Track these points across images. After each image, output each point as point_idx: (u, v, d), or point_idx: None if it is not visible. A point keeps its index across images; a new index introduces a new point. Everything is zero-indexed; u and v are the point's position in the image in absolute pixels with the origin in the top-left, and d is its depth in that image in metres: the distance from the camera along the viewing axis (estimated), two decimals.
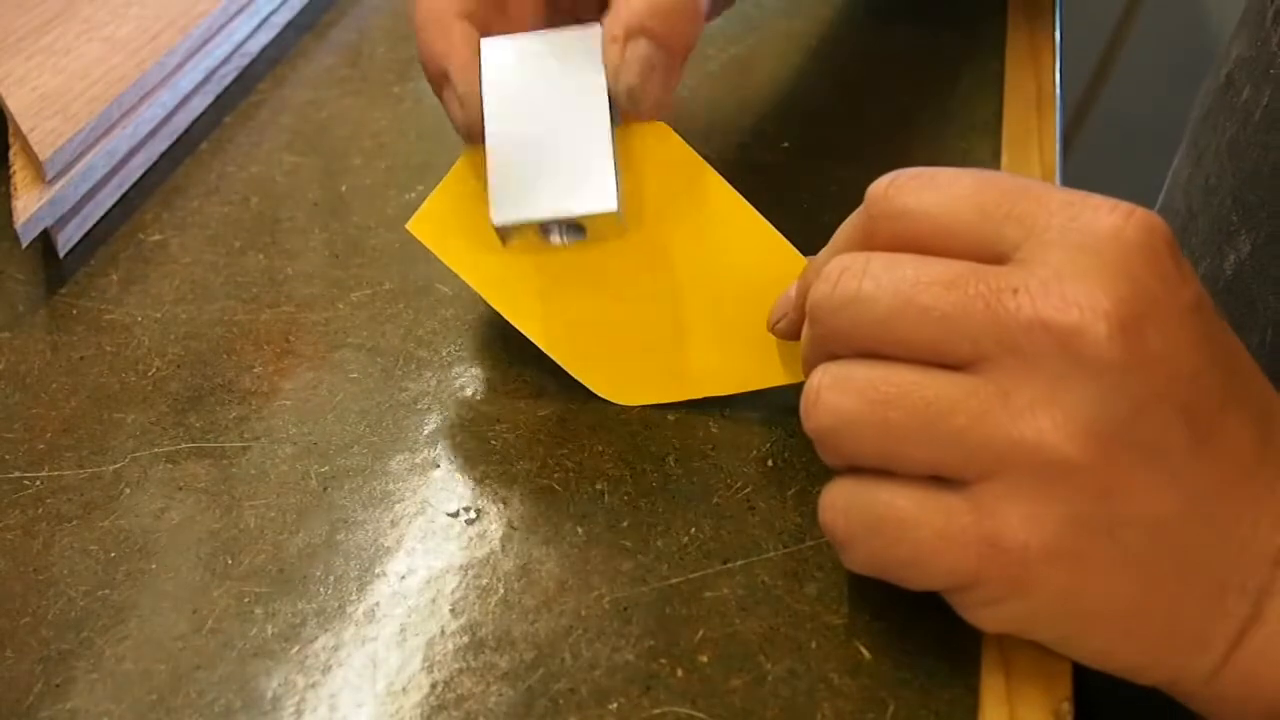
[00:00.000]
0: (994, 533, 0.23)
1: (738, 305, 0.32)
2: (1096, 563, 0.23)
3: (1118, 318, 0.22)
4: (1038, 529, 0.22)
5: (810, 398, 0.25)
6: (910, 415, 0.23)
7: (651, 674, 0.26)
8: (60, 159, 0.39)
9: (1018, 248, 0.24)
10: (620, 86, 0.30)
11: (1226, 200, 0.44)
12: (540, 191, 0.30)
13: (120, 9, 0.45)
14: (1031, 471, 0.22)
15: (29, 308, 0.37)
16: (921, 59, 0.46)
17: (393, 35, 0.50)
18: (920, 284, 0.24)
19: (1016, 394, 0.22)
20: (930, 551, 0.23)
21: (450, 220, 0.32)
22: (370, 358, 0.35)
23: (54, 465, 0.32)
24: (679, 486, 0.30)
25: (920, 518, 0.23)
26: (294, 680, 0.27)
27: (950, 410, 0.23)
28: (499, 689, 0.26)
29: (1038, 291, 0.22)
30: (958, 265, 0.24)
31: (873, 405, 0.24)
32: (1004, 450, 0.22)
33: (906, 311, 0.24)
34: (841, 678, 0.26)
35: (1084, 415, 0.22)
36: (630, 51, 0.30)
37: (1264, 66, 0.41)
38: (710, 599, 0.28)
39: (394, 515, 0.30)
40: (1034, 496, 0.22)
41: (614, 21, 0.30)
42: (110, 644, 0.28)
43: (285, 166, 0.43)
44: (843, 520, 0.25)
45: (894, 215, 0.25)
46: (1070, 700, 0.25)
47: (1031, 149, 0.41)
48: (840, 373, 0.25)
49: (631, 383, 0.32)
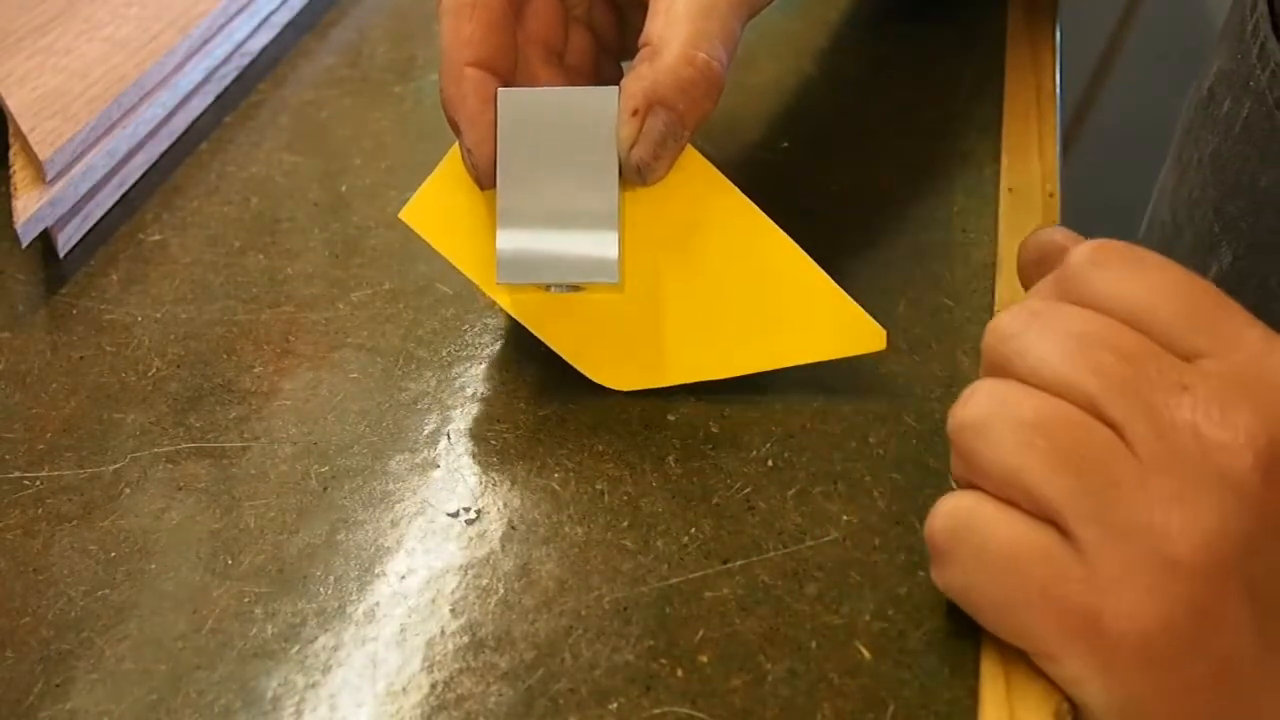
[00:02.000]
0: (1096, 611, 0.22)
1: (732, 289, 0.32)
2: (1177, 676, 0.22)
3: (1268, 455, 0.22)
4: (1140, 619, 0.22)
5: (966, 394, 0.25)
6: (1048, 451, 0.23)
7: (651, 674, 0.26)
8: (60, 159, 0.39)
9: (1201, 357, 0.24)
10: (632, 159, 0.30)
11: (1209, 212, 0.45)
12: (546, 256, 0.31)
13: (120, 9, 0.45)
14: (1148, 561, 0.22)
15: (29, 308, 0.37)
16: (921, 59, 0.46)
17: (393, 35, 0.50)
18: (1102, 342, 0.24)
19: (1157, 481, 0.22)
20: (1029, 601, 0.23)
21: (443, 208, 0.32)
22: (370, 358, 0.35)
23: (54, 465, 0.32)
24: (679, 486, 0.30)
25: (1033, 564, 0.23)
26: (294, 680, 0.27)
27: (1089, 462, 0.23)
28: (499, 689, 0.26)
29: (1204, 399, 0.23)
30: (1142, 340, 0.24)
31: (1016, 426, 0.24)
32: (1129, 528, 0.22)
33: (1080, 360, 0.24)
34: (841, 678, 0.26)
35: (1211, 525, 0.22)
36: (648, 126, 0.29)
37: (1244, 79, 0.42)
38: (710, 599, 0.28)
39: (394, 515, 0.30)
40: (1148, 585, 0.22)
41: (634, 91, 0.29)
42: (110, 644, 0.28)
43: (285, 166, 0.43)
44: (950, 538, 0.25)
45: (1090, 295, 0.25)
46: (1070, 701, 0.25)
47: (1031, 149, 0.41)
48: (1001, 386, 0.25)
49: (627, 368, 0.32)
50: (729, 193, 0.32)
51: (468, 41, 0.31)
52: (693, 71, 0.29)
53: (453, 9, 0.31)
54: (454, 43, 0.31)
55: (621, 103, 0.30)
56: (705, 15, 0.30)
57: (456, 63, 0.31)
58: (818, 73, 0.46)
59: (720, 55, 0.30)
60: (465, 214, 0.32)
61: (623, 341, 0.32)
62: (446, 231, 0.32)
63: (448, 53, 0.31)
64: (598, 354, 0.32)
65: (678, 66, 0.29)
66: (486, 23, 0.31)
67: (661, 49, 0.29)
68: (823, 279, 0.31)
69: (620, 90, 0.30)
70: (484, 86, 0.31)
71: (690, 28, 0.29)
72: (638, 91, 0.29)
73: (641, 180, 0.31)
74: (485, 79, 0.31)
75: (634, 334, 0.32)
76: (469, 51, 0.31)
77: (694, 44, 0.29)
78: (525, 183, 0.31)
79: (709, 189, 0.32)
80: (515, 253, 0.31)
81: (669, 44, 0.29)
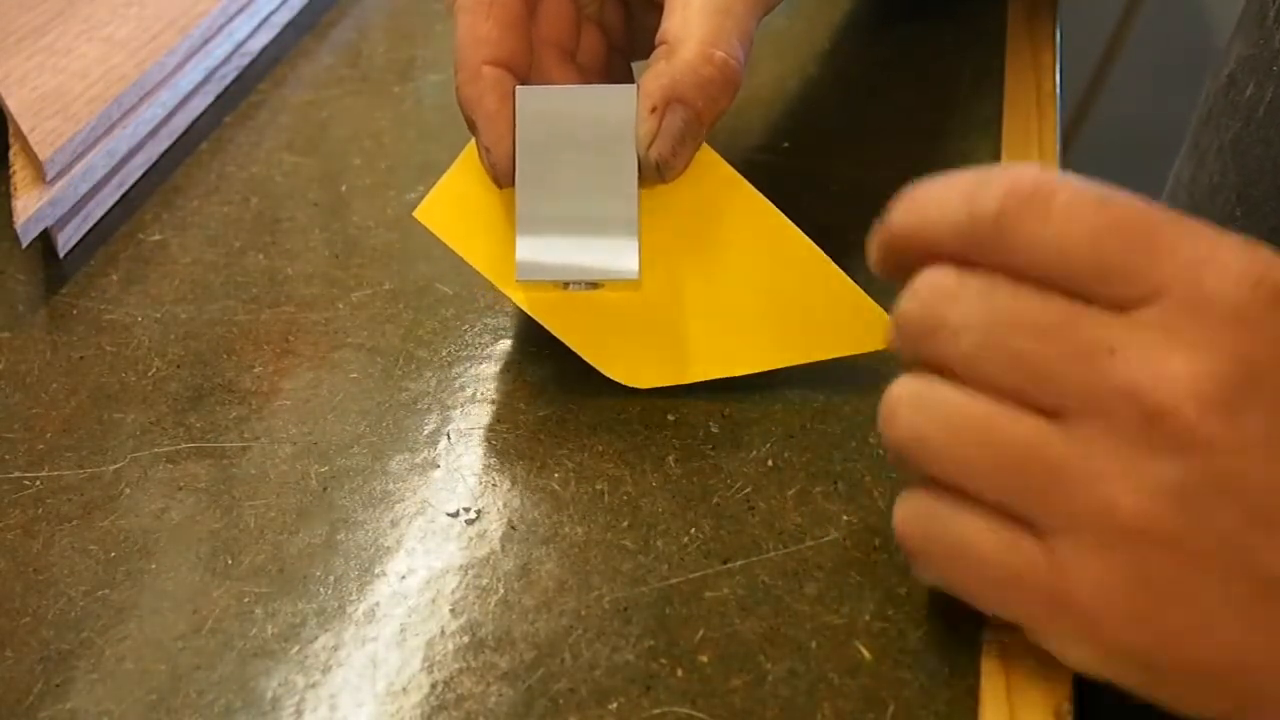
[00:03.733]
0: (1065, 592, 0.22)
1: (750, 286, 0.32)
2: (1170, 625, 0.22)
3: (1210, 400, 0.21)
4: (1108, 594, 0.22)
5: (888, 410, 0.24)
6: (985, 455, 0.23)
7: (651, 674, 0.26)
8: (60, 159, 0.39)
9: (1130, 301, 0.22)
10: (651, 156, 0.30)
11: (1230, 197, 0.45)
12: (565, 252, 0.31)
13: (120, 9, 0.45)
14: (1103, 538, 0.22)
15: (29, 308, 0.37)
16: (921, 59, 0.46)
17: (393, 35, 0.50)
18: (1015, 326, 0.23)
19: (1096, 457, 0.22)
20: (1001, 594, 0.23)
21: (458, 207, 0.32)
22: (370, 358, 0.35)
23: (54, 465, 0.32)
24: (679, 486, 0.30)
25: (995, 557, 0.23)
26: (294, 680, 0.27)
27: (1026, 459, 0.22)
28: (499, 689, 0.26)
29: (1134, 359, 0.22)
30: (1058, 308, 0.23)
31: (949, 434, 0.23)
32: (1078, 511, 0.22)
33: (996, 354, 0.23)
34: (841, 678, 0.26)
35: (1162, 484, 0.21)
36: (667, 123, 0.29)
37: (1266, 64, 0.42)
38: (710, 599, 0.28)
39: (394, 515, 0.30)
40: (1108, 560, 0.22)
41: (653, 89, 0.29)
42: (110, 644, 0.28)
43: (285, 166, 0.43)
44: (919, 538, 0.25)
45: (1002, 250, 0.23)
46: (1070, 701, 0.25)
47: (1031, 149, 0.41)
48: (920, 390, 0.24)
49: (644, 365, 0.32)
50: (745, 190, 0.32)
51: (485, 40, 0.31)
52: (711, 69, 0.29)
53: (469, 7, 0.31)
54: (471, 41, 0.31)
55: (640, 100, 0.30)
56: (722, 13, 0.30)
57: (473, 61, 0.31)
58: (818, 73, 0.46)
59: (737, 53, 0.30)
60: (481, 213, 0.32)
61: (640, 339, 0.32)
62: (462, 231, 0.32)
63: (464, 51, 0.31)
64: (615, 352, 0.32)
65: (696, 64, 0.29)
66: (504, 21, 0.31)
67: (679, 47, 0.29)
68: (840, 276, 0.31)
69: (638, 88, 0.30)
70: (501, 84, 0.31)
71: (707, 26, 0.29)
72: (656, 89, 0.29)
73: (660, 177, 0.31)
74: (503, 77, 0.31)
75: (652, 331, 0.32)
76: (486, 50, 0.31)
77: (712, 42, 0.29)
78: (544, 181, 0.31)
79: (726, 186, 0.32)
80: (535, 251, 0.31)
81: (686, 42, 0.29)
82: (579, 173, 0.31)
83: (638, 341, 0.32)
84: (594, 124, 0.31)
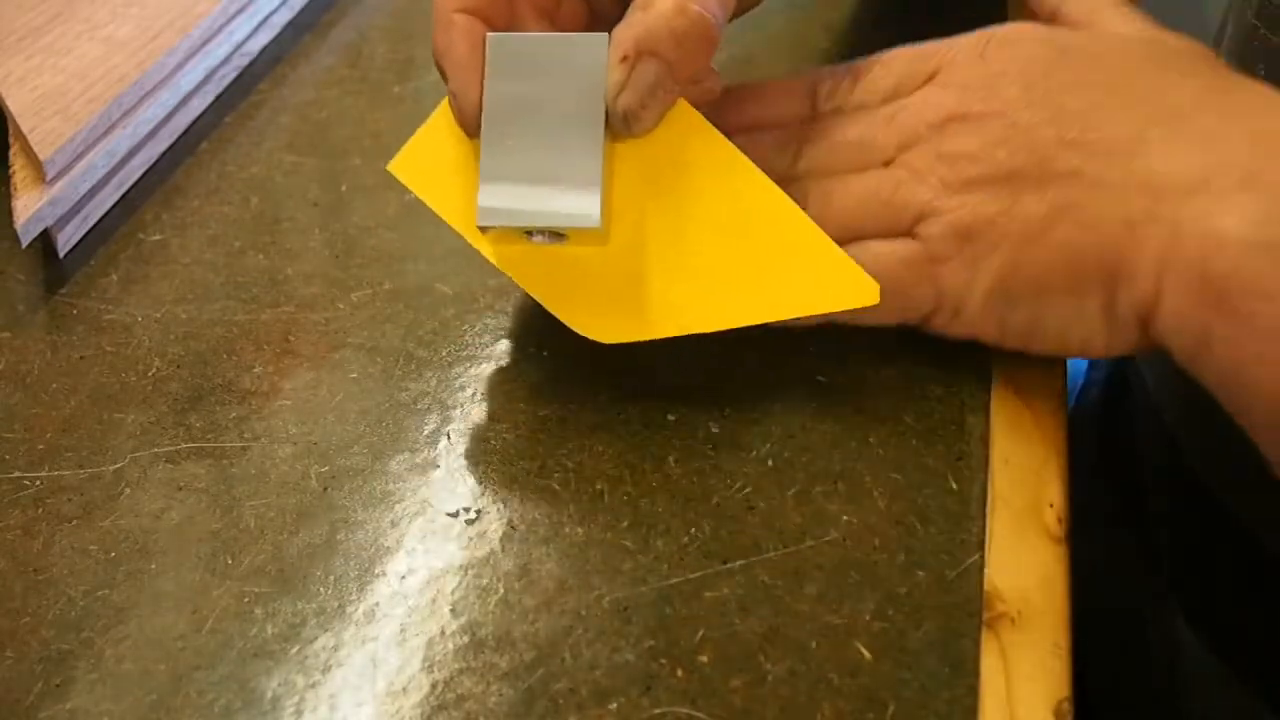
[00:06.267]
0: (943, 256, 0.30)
1: (721, 241, 0.31)
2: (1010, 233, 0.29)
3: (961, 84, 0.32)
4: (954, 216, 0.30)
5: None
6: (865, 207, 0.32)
7: (651, 674, 0.26)
8: (60, 159, 0.39)
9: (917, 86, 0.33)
10: (619, 107, 0.30)
11: None
12: (528, 199, 0.30)
13: (120, 9, 0.45)
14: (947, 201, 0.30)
15: (29, 308, 0.37)
16: None
17: (393, 35, 0.50)
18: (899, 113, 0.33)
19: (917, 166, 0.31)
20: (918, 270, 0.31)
21: (431, 160, 0.32)
22: (370, 358, 0.35)
23: (54, 465, 0.32)
24: (679, 486, 0.30)
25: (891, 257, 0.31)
26: (294, 680, 0.27)
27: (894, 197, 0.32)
28: (499, 689, 0.26)
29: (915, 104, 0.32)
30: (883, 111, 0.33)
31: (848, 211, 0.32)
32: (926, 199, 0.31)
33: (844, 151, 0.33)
34: (841, 678, 0.26)
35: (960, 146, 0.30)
36: (637, 73, 0.29)
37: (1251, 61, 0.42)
38: (710, 599, 0.28)
39: (394, 515, 0.30)
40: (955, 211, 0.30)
41: (625, 38, 0.29)
42: (110, 644, 0.28)
43: (285, 166, 0.43)
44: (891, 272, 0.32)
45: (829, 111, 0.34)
46: (1070, 700, 0.25)
47: None
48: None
49: (612, 320, 0.32)
50: (718, 142, 0.31)
51: None
52: (685, 22, 0.29)
53: None
54: None
55: (611, 49, 0.29)
56: None
57: (446, 9, 0.31)
58: None
59: (714, 9, 0.30)
60: (453, 166, 0.32)
61: (608, 293, 0.32)
62: (434, 183, 0.32)
63: (439, 2, 0.31)
64: (582, 306, 0.32)
65: (670, 15, 0.29)
66: None
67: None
68: (814, 231, 0.31)
69: (611, 37, 0.30)
70: (472, 32, 0.30)
71: None
72: (629, 37, 0.29)
73: (628, 130, 0.30)
74: (474, 25, 0.31)
75: (620, 286, 0.32)
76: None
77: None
78: (510, 127, 0.30)
79: (698, 138, 0.31)
80: (497, 197, 0.30)
81: None
82: (546, 120, 0.30)
83: (606, 296, 0.32)
84: (564, 72, 0.30)
